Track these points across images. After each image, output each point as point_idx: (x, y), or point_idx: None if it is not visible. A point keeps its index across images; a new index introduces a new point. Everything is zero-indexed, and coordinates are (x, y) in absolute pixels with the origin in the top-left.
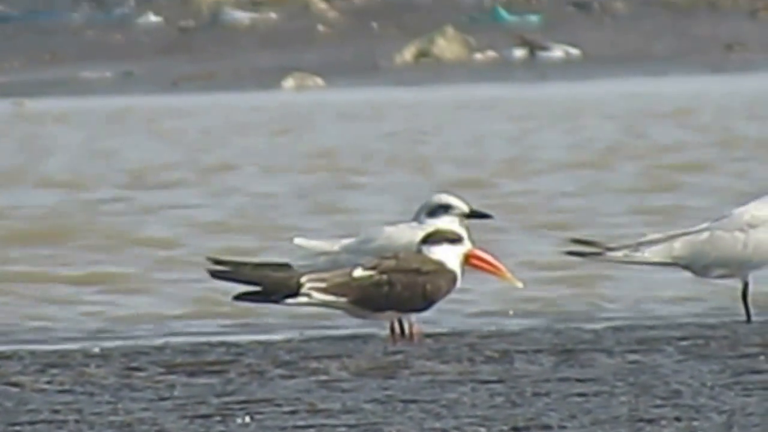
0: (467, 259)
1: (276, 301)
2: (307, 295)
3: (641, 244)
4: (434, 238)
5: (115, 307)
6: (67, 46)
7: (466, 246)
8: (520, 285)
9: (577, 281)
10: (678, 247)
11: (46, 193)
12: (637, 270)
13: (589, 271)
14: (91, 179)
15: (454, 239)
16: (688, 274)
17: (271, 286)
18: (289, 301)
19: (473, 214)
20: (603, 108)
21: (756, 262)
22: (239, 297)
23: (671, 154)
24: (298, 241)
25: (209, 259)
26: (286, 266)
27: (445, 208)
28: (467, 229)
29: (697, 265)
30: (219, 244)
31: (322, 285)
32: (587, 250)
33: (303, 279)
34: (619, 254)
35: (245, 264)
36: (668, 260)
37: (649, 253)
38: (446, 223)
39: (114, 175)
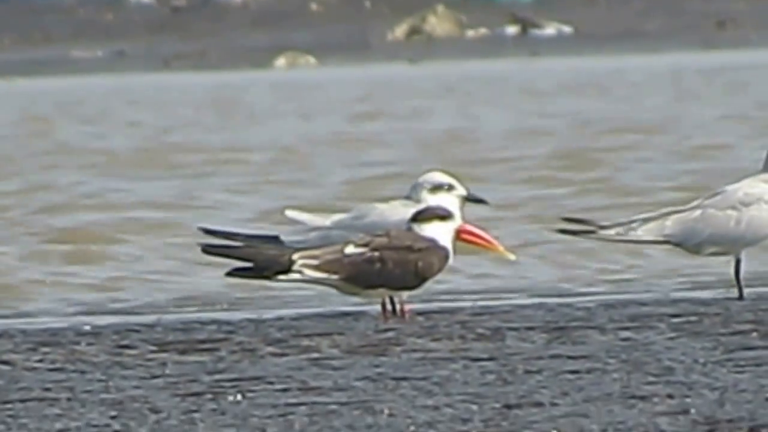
0: (458, 235)
1: (268, 278)
2: (299, 272)
3: (634, 222)
4: (425, 215)
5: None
6: (58, 25)
7: (457, 222)
8: (512, 258)
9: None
10: (670, 225)
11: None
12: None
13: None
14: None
15: (445, 216)
16: (680, 252)
17: (263, 262)
18: (281, 277)
19: (470, 198)
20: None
21: (749, 239)
22: (231, 273)
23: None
24: (290, 213)
25: (200, 228)
26: (275, 239)
27: (447, 188)
28: (460, 205)
29: (690, 243)
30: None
31: (314, 262)
32: (579, 228)
33: (295, 256)
34: (611, 232)
35: (236, 234)
36: (660, 238)
37: (641, 231)
38: (446, 202)
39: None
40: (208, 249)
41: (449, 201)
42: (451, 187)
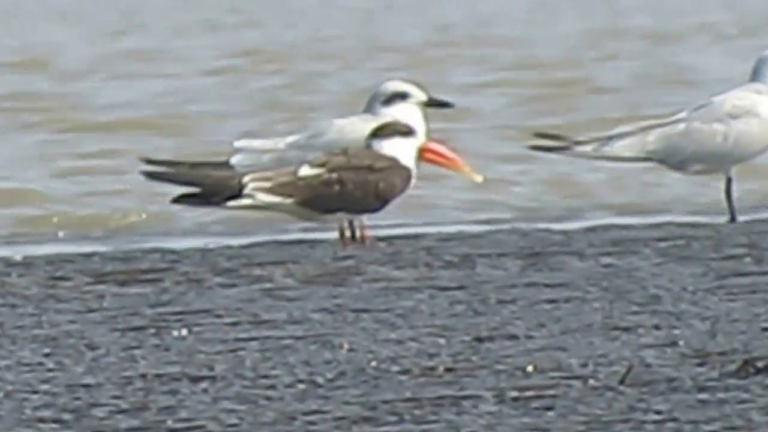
0: (422, 153)
1: (217, 204)
2: (251, 196)
3: (612, 137)
4: (385, 131)
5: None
6: None
7: (420, 139)
8: (479, 179)
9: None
10: (652, 140)
11: None
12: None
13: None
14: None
15: (407, 132)
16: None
17: (212, 187)
18: (231, 203)
19: (432, 103)
20: None
21: (737, 156)
22: (177, 200)
23: None
24: (238, 143)
25: (142, 159)
26: (225, 165)
27: (401, 96)
28: (425, 118)
29: (673, 160)
30: None
31: (267, 185)
32: (553, 144)
33: (246, 179)
34: (587, 148)
35: (181, 164)
36: (641, 155)
37: (620, 147)
38: (405, 112)
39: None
40: (152, 174)
41: (408, 111)
42: (412, 95)
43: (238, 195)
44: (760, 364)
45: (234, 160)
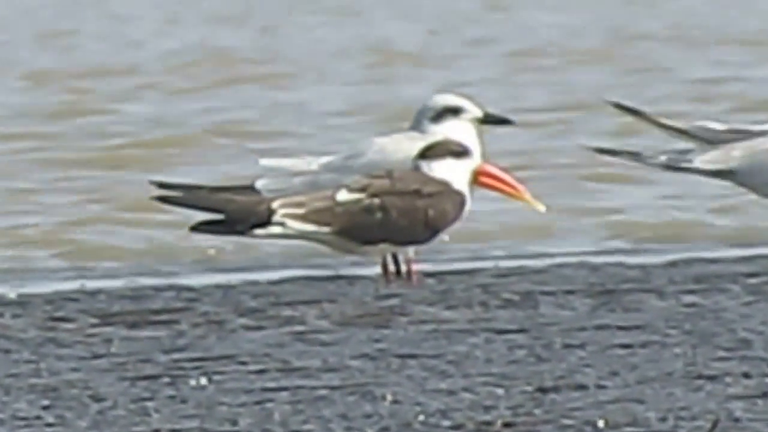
0: (477, 177)
1: (242, 232)
2: (281, 224)
3: (690, 149)
4: (435, 151)
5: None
6: None
7: (476, 161)
8: (542, 208)
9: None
10: (737, 155)
11: None
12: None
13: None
14: None
15: (460, 152)
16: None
17: (236, 213)
18: (259, 231)
19: (488, 119)
20: None
21: None
22: (197, 227)
23: None
24: (264, 162)
25: (153, 183)
26: (250, 190)
27: (453, 112)
28: (481, 138)
29: (759, 181)
30: None
31: (299, 211)
32: (622, 149)
33: (275, 204)
34: (662, 158)
35: (199, 188)
36: (721, 167)
37: (699, 162)
38: (457, 130)
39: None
40: (167, 198)
41: (461, 128)
42: (466, 111)
43: (266, 222)
44: None
45: (260, 183)
